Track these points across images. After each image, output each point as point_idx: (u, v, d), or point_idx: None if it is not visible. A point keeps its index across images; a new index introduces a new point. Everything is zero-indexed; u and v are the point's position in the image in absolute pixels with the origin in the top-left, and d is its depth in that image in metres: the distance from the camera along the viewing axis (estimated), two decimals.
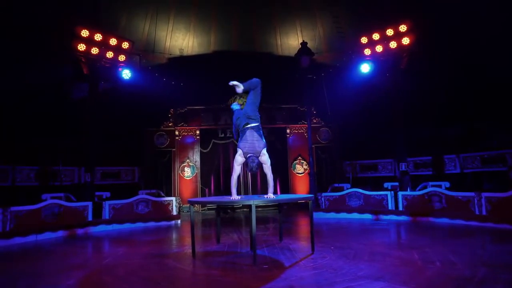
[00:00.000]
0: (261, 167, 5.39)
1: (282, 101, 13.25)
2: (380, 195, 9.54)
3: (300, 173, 13.29)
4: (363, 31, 10.39)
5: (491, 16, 9.85)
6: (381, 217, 9.27)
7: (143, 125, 12.94)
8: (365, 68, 10.43)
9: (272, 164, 5.38)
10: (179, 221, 9.96)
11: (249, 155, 5.20)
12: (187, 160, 13.09)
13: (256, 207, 4.90)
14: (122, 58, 10.32)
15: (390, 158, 12.24)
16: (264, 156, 5.27)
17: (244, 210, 12.20)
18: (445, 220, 8.23)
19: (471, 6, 9.70)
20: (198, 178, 13.10)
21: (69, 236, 7.98)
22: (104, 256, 5.89)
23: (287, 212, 11.37)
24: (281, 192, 12.60)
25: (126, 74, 10.54)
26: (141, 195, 9.93)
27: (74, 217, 8.44)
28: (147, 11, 12.66)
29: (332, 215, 9.96)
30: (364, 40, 10.31)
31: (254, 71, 13.53)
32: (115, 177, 12.45)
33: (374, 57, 10.29)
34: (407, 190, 9.42)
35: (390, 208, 9.29)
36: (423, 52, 10.29)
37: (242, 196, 6.22)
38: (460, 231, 7.04)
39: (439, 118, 11.58)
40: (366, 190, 9.84)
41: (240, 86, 5.47)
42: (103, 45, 9.92)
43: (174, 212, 10.02)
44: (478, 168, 10.42)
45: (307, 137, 11.43)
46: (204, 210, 12.94)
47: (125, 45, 10.38)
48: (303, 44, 11.21)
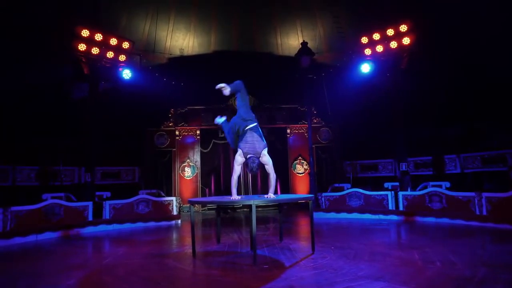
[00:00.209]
0: (262, 168, 5.38)
1: (283, 101, 13.26)
2: (381, 195, 9.53)
3: (301, 173, 13.29)
4: (364, 31, 10.39)
5: (491, 16, 9.84)
6: (382, 217, 9.27)
7: (144, 125, 12.94)
8: (366, 68, 10.43)
9: (273, 164, 5.37)
10: (180, 221, 9.97)
11: (250, 156, 5.20)
12: (188, 160, 13.10)
13: (257, 207, 4.89)
14: (123, 58, 10.32)
15: (391, 158, 12.24)
16: (265, 157, 5.27)
17: (245, 210, 12.20)
18: (446, 220, 8.22)
19: (471, 6, 9.70)
20: (199, 178, 13.10)
21: (69, 236, 7.98)
22: (104, 256, 5.89)
23: (288, 212, 11.38)
24: (282, 192, 12.60)
25: (127, 74, 10.54)
26: (142, 195, 9.93)
27: (75, 217, 8.44)
28: (147, 11, 12.66)
29: (333, 215, 9.95)
30: (365, 40, 10.31)
31: (255, 71, 13.64)
32: (116, 177, 12.46)
33: (375, 57, 10.29)
34: (408, 190, 9.42)
35: (391, 208, 9.29)
36: (424, 52, 10.29)
37: (243, 196, 6.22)
38: (461, 231, 7.04)
39: (440, 118, 11.57)
40: (367, 190, 9.84)
41: (227, 88, 5.42)
42: (104, 45, 9.92)
43: (175, 212, 10.02)
44: (479, 168, 10.42)
45: (308, 137, 11.43)
46: (204, 210, 12.94)
47: (126, 45, 10.38)
48: (304, 44, 11.21)
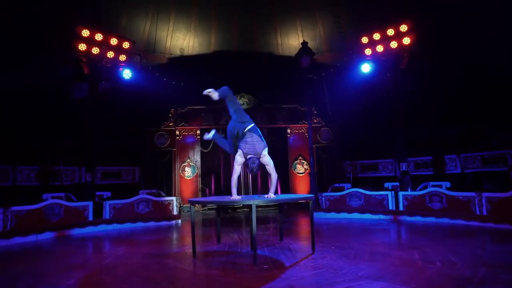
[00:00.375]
0: (262, 168, 5.38)
1: (283, 101, 13.26)
2: (381, 195, 9.53)
3: (301, 173, 13.29)
4: (364, 31, 10.38)
5: (491, 16, 9.84)
6: (382, 217, 9.27)
7: (144, 125, 12.95)
8: (366, 68, 10.43)
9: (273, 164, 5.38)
10: (180, 221, 9.97)
11: (250, 156, 5.19)
12: (188, 160, 13.10)
13: (257, 207, 4.89)
14: (123, 58, 10.32)
15: (391, 158, 12.23)
16: (266, 158, 5.26)
17: (245, 210, 12.20)
18: (446, 220, 8.22)
19: (471, 6, 9.70)
20: (199, 178, 13.10)
21: (70, 236, 7.98)
22: (105, 256, 5.89)
23: (288, 212, 11.37)
24: (282, 192, 12.59)
25: (127, 74, 10.54)
26: (142, 195, 9.93)
27: (75, 217, 8.44)
28: (148, 11, 12.67)
29: (333, 215, 9.95)
30: (365, 40, 10.31)
31: (255, 71, 13.63)
32: (116, 177, 12.46)
33: (375, 57, 10.28)
34: (408, 190, 9.42)
35: (391, 208, 9.29)
36: (424, 52, 10.29)
37: (243, 196, 6.22)
38: (461, 231, 7.04)
39: (440, 118, 11.57)
40: (367, 190, 9.84)
41: (214, 93, 5.47)
42: (104, 45, 9.92)
43: (175, 212, 10.02)
44: (479, 168, 10.41)
45: (308, 137, 11.44)
46: (205, 210, 12.94)
47: (126, 45, 10.39)
48: (304, 44, 11.21)
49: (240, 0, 12.94)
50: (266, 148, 5.30)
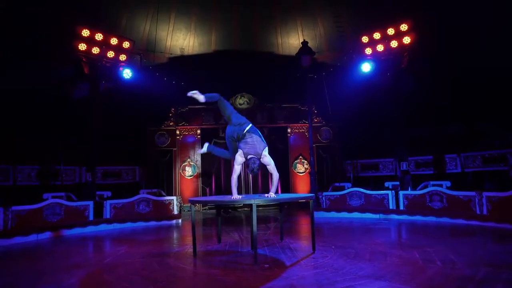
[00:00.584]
0: (262, 167, 5.38)
1: (283, 100, 13.25)
2: (381, 195, 9.53)
3: (301, 173, 13.29)
4: (364, 30, 10.38)
5: (492, 16, 9.83)
6: (383, 217, 9.27)
7: (144, 125, 12.95)
8: (366, 67, 10.43)
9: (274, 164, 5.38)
10: (180, 221, 9.97)
11: (250, 156, 5.19)
12: (188, 160, 13.10)
13: (257, 207, 4.89)
14: (123, 58, 10.32)
15: (391, 158, 12.23)
16: (266, 158, 5.26)
17: (245, 210, 12.21)
18: (446, 220, 8.22)
19: (472, 6, 9.69)
20: (199, 178, 13.11)
21: (70, 236, 7.99)
22: (105, 255, 5.89)
23: (288, 212, 11.37)
24: (282, 191, 12.60)
25: (127, 74, 10.54)
26: (142, 195, 9.93)
27: (75, 217, 8.45)
28: (148, 11, 12.67)
29: (333, 215, 9.95)
30: (365, 39, 10.30)
31: (255, 71, 13.60)
32: (116, 177, 12.47)
33: (375, 57, 10.28)
34: (408, 190, 9.42)
35: (391, 208, 9.29)
36: (424, 51, 10.28)
37: (243, 196, 6.21)
38: (461, 231, 7.04)
39: (440, 117, 11.57)
40: (367, 190, 9.83)
41: (200, 95, 5.49)
42: (104, 45, 9.92)
43: (175, 212, 10.03)
44: (479, 168, 10.41)
45: (308, 137, 11.43)
46: (205, 210, 12.95)
47: (126, 45, 10.38)
48: (304, 43, 11.20)
49: (241, 0, 12.94)
50: (267, 148, 5.30)
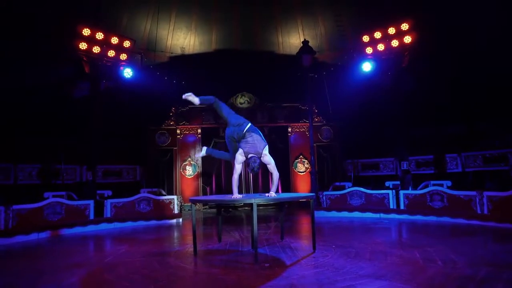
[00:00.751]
0: (263, 166, 5.39)
1: (284, 100, 13.23)
2: (382, 194, 9.53)
3: (302, 172, 13.29)
4: (365, 30, 10.37)
5: (492, 16, 9.81)
6: (383, 216, 9.27)
7: (145, 124, 12.95)
8: (367, 67, 10.41)
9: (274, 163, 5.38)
10: (181, 220, 9.98)
11: (251, 156, 5.19)
12: (189, 159, 13.10)
13: (258, 206, 4.89)
14: (124, 57, 10.32)
15: (392, 157, 12.21)
16: (267, 157, 5.27)
17: (246, 209, 12.21)
18: (447, 219, 8.21)
19: (472, 6, 9.68)
20: (200, 177, 13.11)
21: (71, 235, 7.99)
22: (106, 255, 5.90)
23: (289, 211, 11.37)
24: (283, 191, 12.60)
25: (128, 73, 10.53)
26: (143, 194, 9.95)
27: (76, 216, 8.46)
28: (149, 10, 12.67)
29: (334, 214, 9.95)
30: (366, 39, 10.29)
31: (256, 70, 13.59)
32: (117, 176, 12.47)
33: (376, 56, 10.26)
34: (409, 189, 9.41)
35: (392, 207, 9.28)
36: (424, 51, 10.27)
37: (244, 195, 6.22)
38: (462, 230, 7.04)
39: (441, 117, 11.56)
40: (368, 189, 9.83)
41: (195, 98, 5.56)
42: (105, 44, 9.92)
43: (176, 211, 10.03)
44: (480, 167, 10.40)
45: (309, 136, 11.43)
46: (206, 209, 12.95)
47: (127, 44, 10.38)
48: (305, 43, 11.19)
49: None
50: (267, 147, 5.31)
